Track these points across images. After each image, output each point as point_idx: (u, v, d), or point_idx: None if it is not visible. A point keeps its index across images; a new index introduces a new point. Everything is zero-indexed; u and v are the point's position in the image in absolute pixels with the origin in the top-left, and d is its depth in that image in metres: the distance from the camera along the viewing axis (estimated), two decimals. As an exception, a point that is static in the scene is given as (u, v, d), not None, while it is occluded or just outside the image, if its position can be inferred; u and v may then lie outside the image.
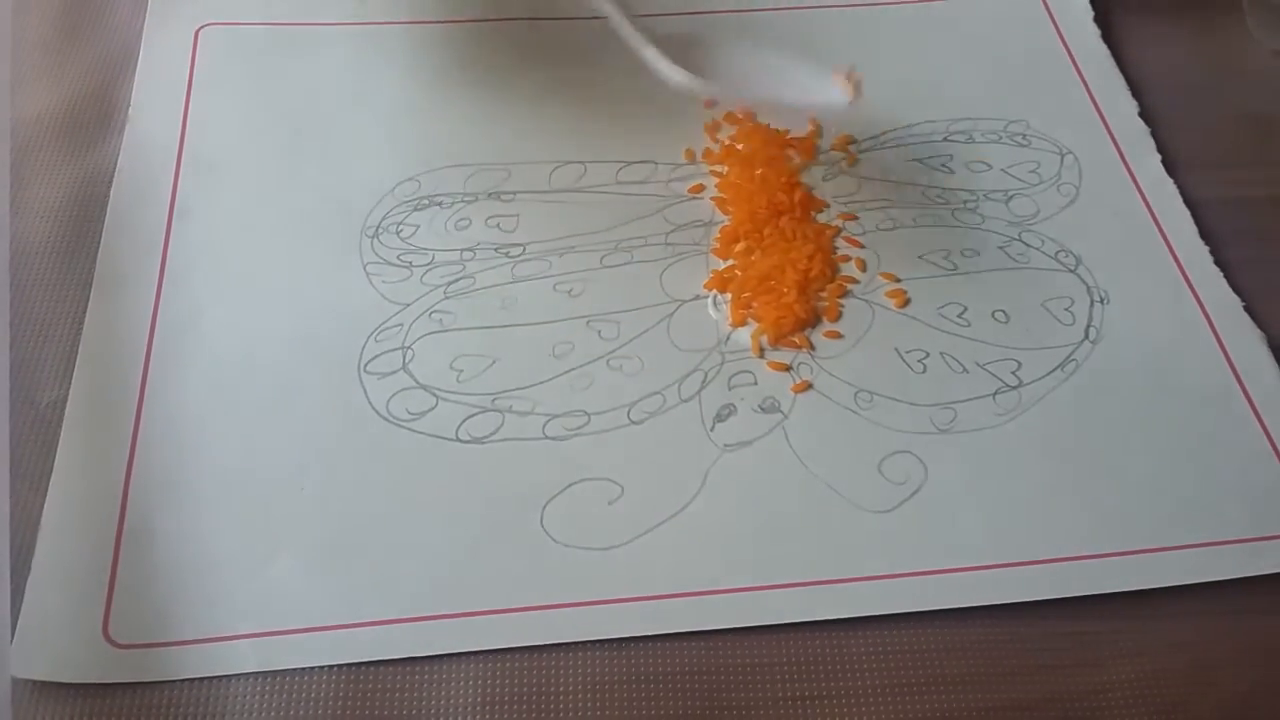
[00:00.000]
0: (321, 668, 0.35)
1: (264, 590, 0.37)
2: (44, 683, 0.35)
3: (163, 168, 0.47)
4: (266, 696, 0.35)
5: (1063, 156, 0.50)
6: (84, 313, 0.42)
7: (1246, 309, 0.45)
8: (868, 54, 0.52)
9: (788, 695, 0.36)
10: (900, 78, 0.52)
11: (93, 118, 0.49)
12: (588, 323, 0.43)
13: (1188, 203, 0.48)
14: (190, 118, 0.49)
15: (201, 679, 0.35)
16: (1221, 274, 0.46)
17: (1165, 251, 0.47)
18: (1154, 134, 0.50)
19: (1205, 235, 0.47)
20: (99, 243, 0.44)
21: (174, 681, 0.35)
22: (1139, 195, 0.48)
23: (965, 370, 0.43)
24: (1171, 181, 0.49)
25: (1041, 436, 0.41)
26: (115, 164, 0.47)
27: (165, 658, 0.35)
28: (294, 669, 0.35)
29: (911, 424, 0.41)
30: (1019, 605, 0.38)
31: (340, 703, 0.35)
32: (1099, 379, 0.43)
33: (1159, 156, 0.49)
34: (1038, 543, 0.39)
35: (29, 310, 0.43)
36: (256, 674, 0.35)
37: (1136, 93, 0.52)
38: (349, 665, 0.35)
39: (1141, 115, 0.51)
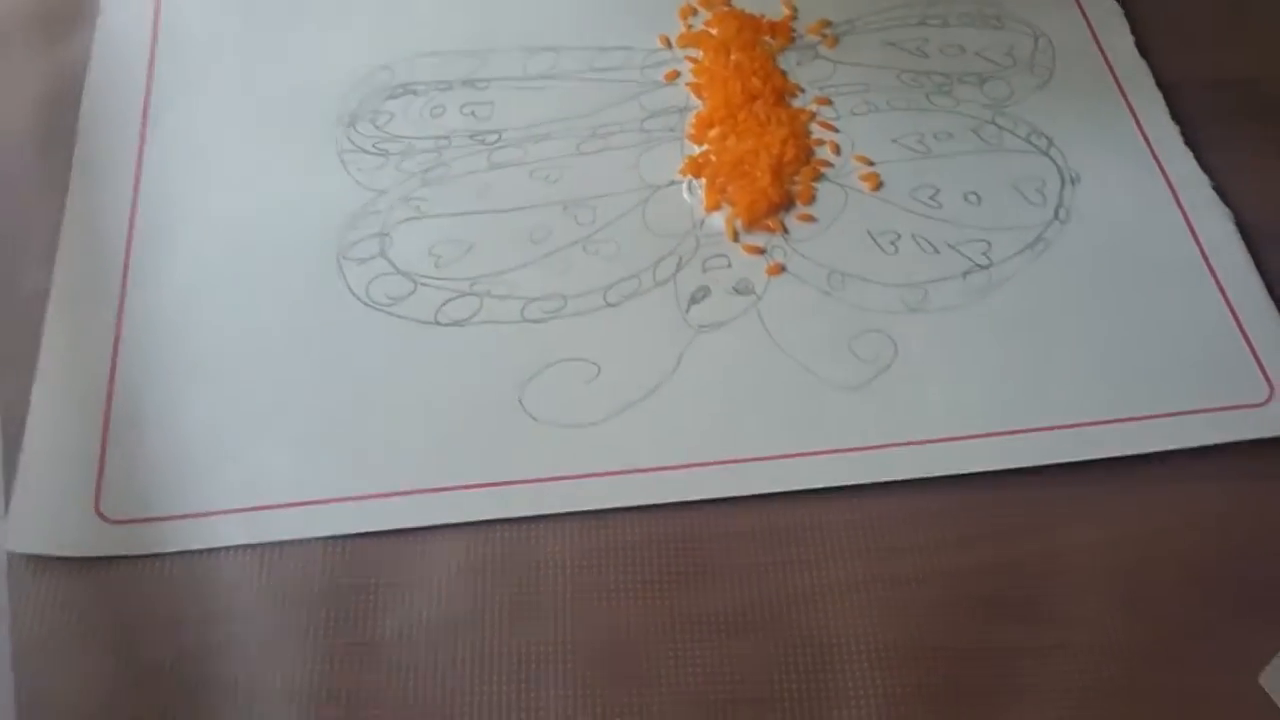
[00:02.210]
0: (308, 540, 0.36)
1: (251, 468, 0.38)
2: (38, 556, 0.36)
3: (137, 59, 0.47)
4: (255, 567, 0.36)
5: (1036, 39, 0.50)
6: (64, 203, 0.43)
7: (1215, 188, 0.45)
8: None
9: (762, 561, 0.37)
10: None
11: (64, 10, 0.48)
12: (564, 208, 0.44)
13: (1160, 84, 0.48)
14: (163, 7, 0.49)
15: (191, 551, 0.36)
16: (1191, 154, 0.46)
17: (1136, 132, 0.47)
18: (1128, 15, 0.50)
19: (1177, 116, 0.47)
20: (75, 134, 0.45)
21: (165, 554, 0.36)
22: (1112, 76, 0.49)
23: (936, 251, 0.44)
24: (1144, 62, 0.49)
25: (1010, 314, 0.42)
26: (89, 56, 0.47)
27: (156, 532, 0.36)
28: (281, 541, 0.36)
29: (882, 304, 0.42)
30: (984, 474, 0.39)
31: (327, 573, 0.36)
32: (1068, 258, 0.43)
33: (1133, 38, 0.50)
34: (1003, 415, 0.40)
35: (9, 201, 0.43)
36: (245, 546, 0.36)
37: (1110, -28, 0.52)
38: (335, 538, 0.37)
39: (1115, -5, 0.51)
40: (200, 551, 0.36)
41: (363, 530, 0.37)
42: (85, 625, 0.35)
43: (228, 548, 0.36)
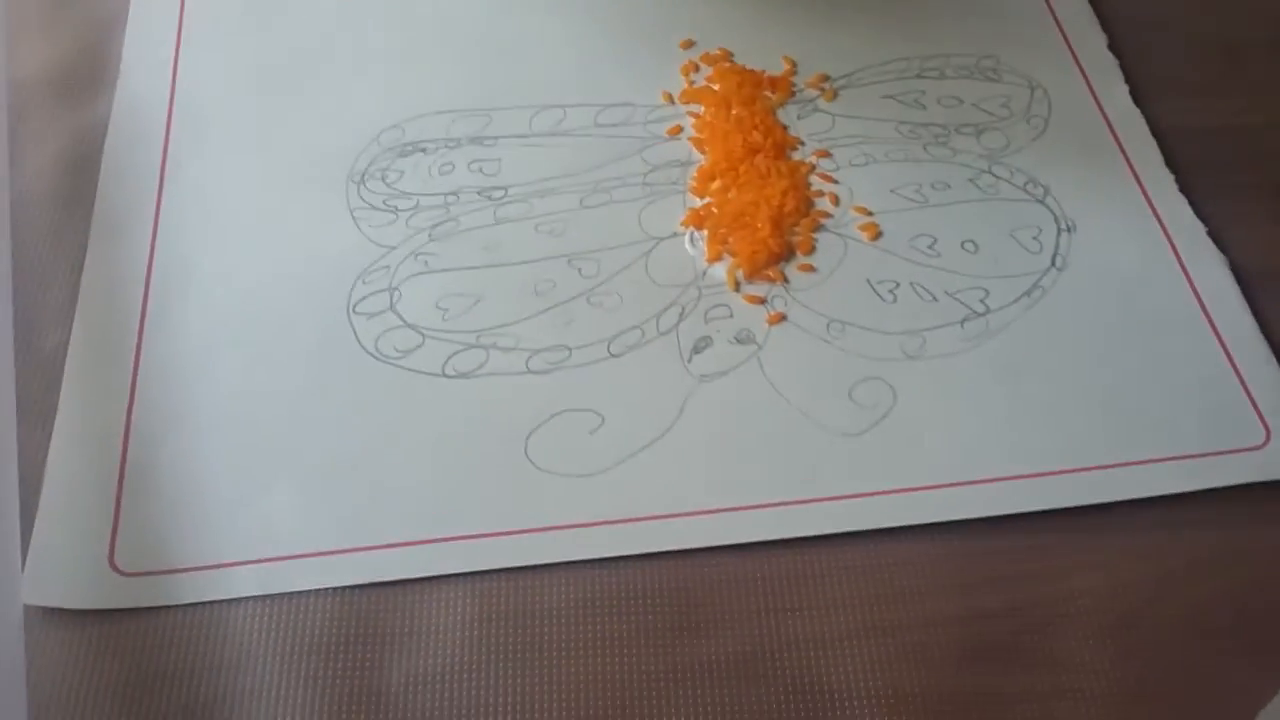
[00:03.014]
0: (318, 590, 0.37)
1: (262, 519, 0.38)
2: (54, 609, 0.37)
3: (154, 121, 0.48)
4: (266, 618, 0.37)
5: (1033, 90, 0.51)
6: (83, 261, 0.44)
7: (1210, 234, 0.46)
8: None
9: (763, 608, 0.37)
10: (874, 14, 0.53)
11: (85, 76, 0.50)
12: (569, 261, 0.45)
13: (1155, 132, 0.49)
14: (179, 72, 0.50)
15: (204, 603, 0.37)
16: (1186, 200, 0.47)
17: (1131, 180, 0.48)
18: (1123, 65, 0.51)
19: (1171, 163, 0.48)
20: (95, 194, 0.46)
21: (177, 606, 0.37)
22: (1107, 126, 0.49)
23: (935, 299, 0.44)
24: (1139, 112, 0.50)
25: (1008, 360, 0.43)
26: (108, 119, 0.48)
27: (169, 584, 0.37)
28: (292, 592, 0.37)
29: (881, 351, 0.43)
30: (984, 520, 0.39)
31: (336, 623, 0.37)
32: (1064, 304, 0.44)
33: (1127, 87, 0.50)
34: (1002, 461, 0.40)
35: (30, 260, 0.44)
36: (256, 598, 0.37)
37: (1106, 24, 0.53)
38: (344, 588, 0.37)
39: (1110, 47, 0.52)
40: (213, 603, 0.37)
41: (371, 580, 0.37)
42: (99, 676, 0.36)
43: (239, 599, 0.37)
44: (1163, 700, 0.36)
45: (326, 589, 0.37)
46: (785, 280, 0.45)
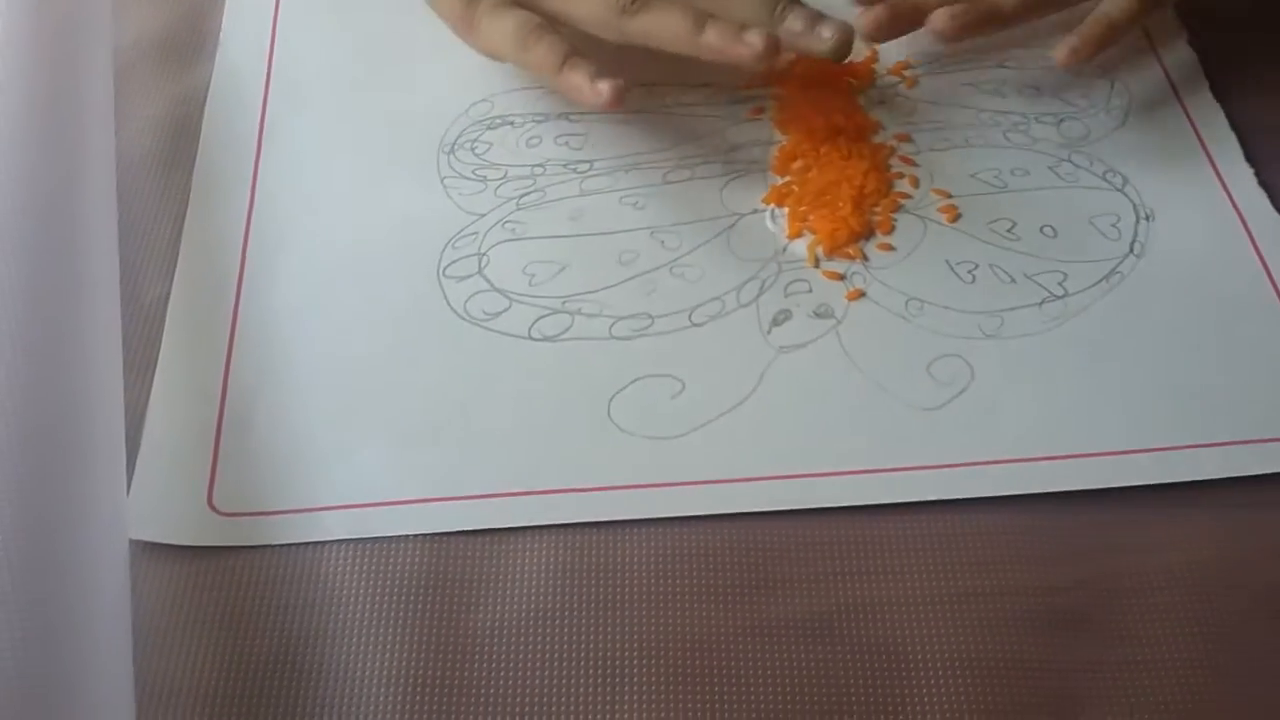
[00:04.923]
0: (407, 536, 0.38)
1: (354, 469, 0.40)
2: (152, 545, 0.38)
3: (252, 89, 0.50)
4: (356, 561, 0.38)
5: (1112, 83, 0.51)
6: (183, 219, 0.46)
7: (1289, 227, 0.46)
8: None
9: (837, 571, 0.38)
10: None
11: (187, 43, 0.52)
12: (652, 233, 0.46)
13: (1234, 127, 0.49)
14: (277, 43, 0.52)
15: (297, 545, 0.38)
16: (1265, 194, 0.47)
17: (1211, 172, 0.48)
18: (1203, 61, 0.52)
19: (1251, 159, 0.48)
20: (195, 157, 0.48)
21: (272, 546, 0.38)
22: (1186, 119, 0.50)
23: (1013, 281, 0.45)
24: (1219, 106, 0.50)
25: (1085, 342, 0.43)
26: (209, 85, 0.50)
27: (264, 525, 0.38)
28: (382, 537, 0.38)
29: (959, 330, 0.43)
30: (1057, 495, 0.40)
31: (424, 567, 0.38)
32: (1142, 290, 0.44)
33: (1208, 82, 0.51)
34: (1077, 438, 0.40)
35: (133, 216, 0.46)
36: (348, 541, 0.38)
37: (1185, 19, 0.53)
38: (432, 535, 0.38)
39: (1190, 43, 0.52)
40: (305, 545, 0.38)
41: (458, 529, 0.38)
42: (196, 609, 0.37)
43: (331, 542, 0.38)
44: (1234, 678, 0.36)
45: (415, 535, 0.38)
46: (865, 258, 0.45)
